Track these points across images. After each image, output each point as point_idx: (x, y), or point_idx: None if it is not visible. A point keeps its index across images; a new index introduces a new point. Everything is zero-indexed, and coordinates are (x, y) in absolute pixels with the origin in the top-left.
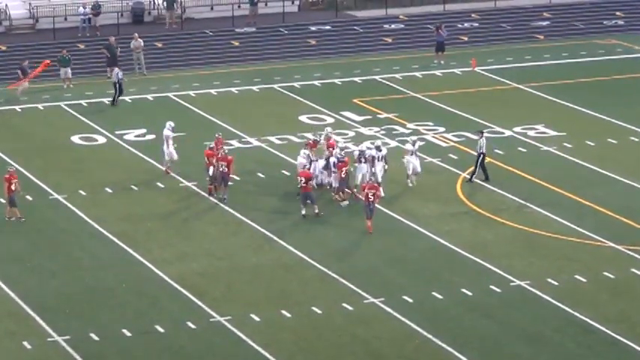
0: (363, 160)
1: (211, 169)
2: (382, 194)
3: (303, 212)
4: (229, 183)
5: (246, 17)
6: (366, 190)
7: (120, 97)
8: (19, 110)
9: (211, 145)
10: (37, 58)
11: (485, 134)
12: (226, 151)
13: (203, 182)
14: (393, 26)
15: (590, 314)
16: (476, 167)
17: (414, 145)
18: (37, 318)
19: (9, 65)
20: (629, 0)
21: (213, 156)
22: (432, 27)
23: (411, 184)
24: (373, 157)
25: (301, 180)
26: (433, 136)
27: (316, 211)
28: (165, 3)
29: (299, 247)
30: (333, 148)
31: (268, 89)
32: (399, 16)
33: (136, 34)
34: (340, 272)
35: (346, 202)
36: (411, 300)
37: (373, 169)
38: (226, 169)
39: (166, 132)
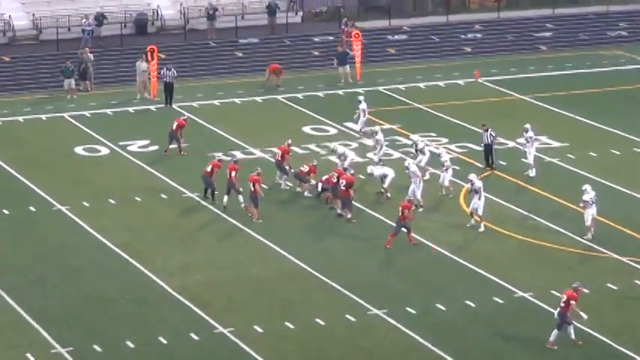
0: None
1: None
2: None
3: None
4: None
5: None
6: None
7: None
8: (22, 121)
9: (235, 159)
10: (41, 69)
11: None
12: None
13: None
14: (396, 37)
15: (594, 325)
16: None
17: (472, 185)
18: (40, 329)
19: (12, 76)
20: (633, 11)
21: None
22: None
23: (468, 225)
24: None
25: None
26: (436, 147)
27: (348, 216)
28: (207, 14)
29: (302, 258)
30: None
31: (272, 100)
32: (403, 27)
33: (143, 56)
34: (343, 283)
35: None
36: (414, 311)
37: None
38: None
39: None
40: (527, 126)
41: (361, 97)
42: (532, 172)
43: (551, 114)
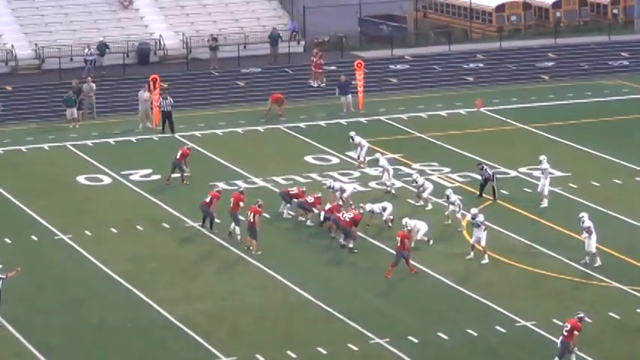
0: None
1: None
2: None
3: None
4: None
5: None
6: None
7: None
8: (24, 150)
9: (241, 190)
10: (43, 99)
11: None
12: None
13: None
14: (398, 66)
15: (596, 355)
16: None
17: (474, 219)
18: (43, 359)
19: (15, 105)
20: (635, 41)
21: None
22: None
23: (467, 257)
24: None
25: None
26: (438, 177)
27: (350, 245)
28: (208, 47)
29: (304, 287)
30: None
31: (274, 129)
32: (405, 56)
33: (145, 86)
34: (345, 312)
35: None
36: (416, 340)
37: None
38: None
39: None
40: (542, 157)
41: (352, 133)
42: (544, 203)
43: (553, 143)
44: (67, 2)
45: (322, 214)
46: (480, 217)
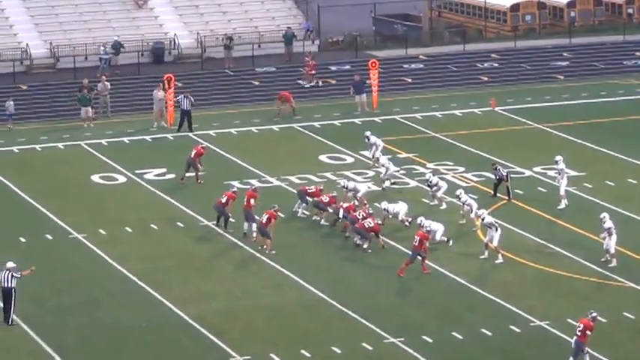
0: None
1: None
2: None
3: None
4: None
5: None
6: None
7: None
8: (39, 149)
9: (254, 187)
10: (58, 98)
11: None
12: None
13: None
14: (412, 66)
15: (610, 354)
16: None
17: (482, 220)
18: (57, 357)
19: (29, 104)
20: None
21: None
22: None
23: (482, 257)
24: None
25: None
26: (453, 176)
27: (365, 246)
28: (223, 45)
29: (319, 286)
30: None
31: (288, 128)
32: (419, 56)
33: (160, 85)
34: (360, 312)
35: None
36: (430, 340)
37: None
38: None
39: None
40: (558, 158)
41: (368, 133)
42: (562, 204)
43: (568, 143)
44: (82, 1)
45: (341, 211)
46: (488, 219)
